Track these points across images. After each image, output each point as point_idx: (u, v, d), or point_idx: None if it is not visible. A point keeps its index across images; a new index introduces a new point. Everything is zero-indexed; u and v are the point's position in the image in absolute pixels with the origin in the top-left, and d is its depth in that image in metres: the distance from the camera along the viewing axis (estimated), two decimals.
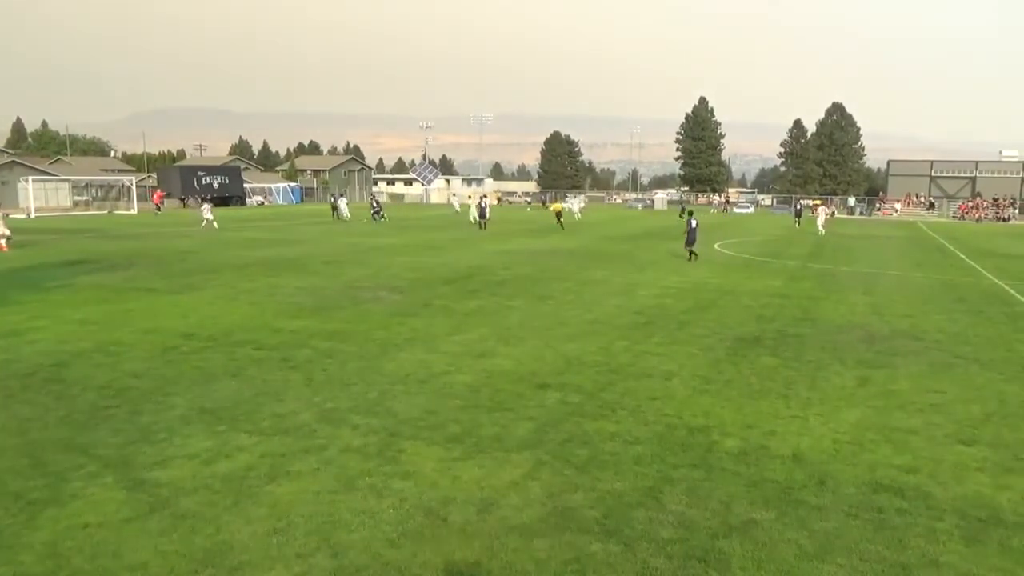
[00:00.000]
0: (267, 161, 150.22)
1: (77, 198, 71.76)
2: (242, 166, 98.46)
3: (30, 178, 60.14)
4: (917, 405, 9.10)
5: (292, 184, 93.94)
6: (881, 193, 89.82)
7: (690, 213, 27.64)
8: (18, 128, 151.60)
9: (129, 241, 31.76)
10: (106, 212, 61.33)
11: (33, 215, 52.62)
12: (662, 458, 7.22)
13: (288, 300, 16.14)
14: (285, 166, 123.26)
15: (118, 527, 5.63)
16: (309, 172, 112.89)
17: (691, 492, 6.44)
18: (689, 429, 8.09)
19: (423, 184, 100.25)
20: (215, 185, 73.56)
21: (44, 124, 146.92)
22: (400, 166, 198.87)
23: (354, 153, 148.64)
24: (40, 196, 61.67)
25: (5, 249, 26.68)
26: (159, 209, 57.03)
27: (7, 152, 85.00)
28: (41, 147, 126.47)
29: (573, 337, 12.73)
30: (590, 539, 5.59)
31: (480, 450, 7.36)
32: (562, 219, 45.12)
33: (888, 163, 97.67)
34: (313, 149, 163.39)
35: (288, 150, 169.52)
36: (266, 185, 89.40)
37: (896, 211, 78.21)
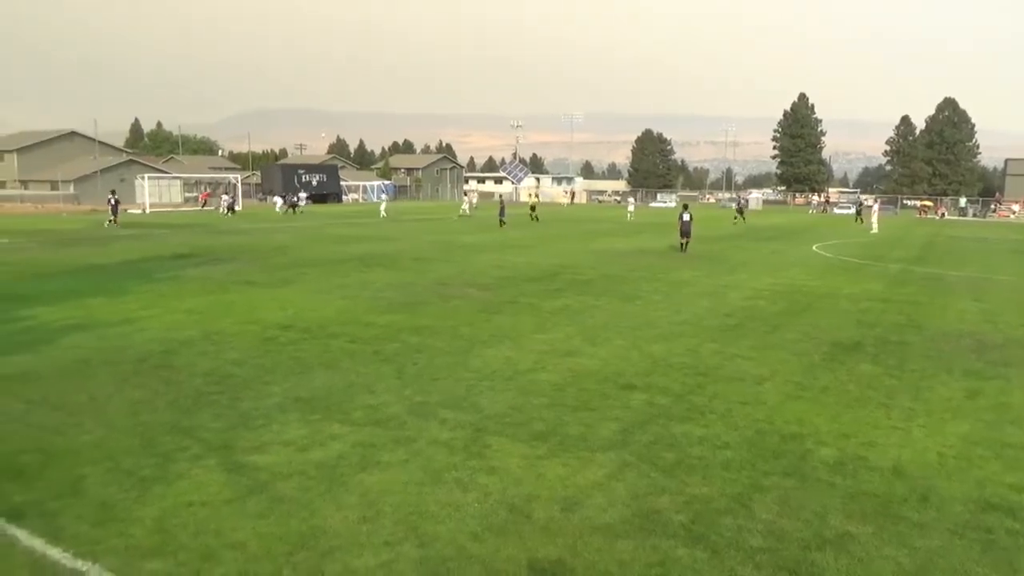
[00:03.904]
0: (363, 160, 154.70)
1: (188, 195, 75.91)
2: (339, 164, 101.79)
3: (146, 176, 64.30)
4: None
5: (386, 182, 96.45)
6: (997, 194, 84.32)
7: (685, 207, 30.16)
8: (135, 129, 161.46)
9: (232, 236, 33.35)
10: (213, 208, 64.59)
11: (148, 210, 56.01)
12: (752, 464, 7.02)
13: (379, 295, 16.56)
14: (380, 164, 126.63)
15: (219, 507, 5.92)
16: (403, 170, 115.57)
17: (783, 501, 6.23)
18: (781, 436, 7.82)
19: (513, 182, 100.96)
20: (314, 183, 76.37)
21: (159, 125, 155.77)
22: (491, 164, 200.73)
23: (446, 152, 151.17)
24: (154, 192, 65.67)
25: None
26: (204, 205, 59.32)
27: (126, 151, 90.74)
28: (156, 146, 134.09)
29: (660, 338, 12.53)
30: (675, 543, 5.50)
31: (565, 449, 7.35)
32: (535, 212, 48.55)
33: (1006, 162, 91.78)
34: (407, 148, 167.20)
35: (383, 149, 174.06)
36: (360, 183, 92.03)
37: (1014, 213, 73.22)
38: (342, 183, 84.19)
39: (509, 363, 10.65)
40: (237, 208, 56.78)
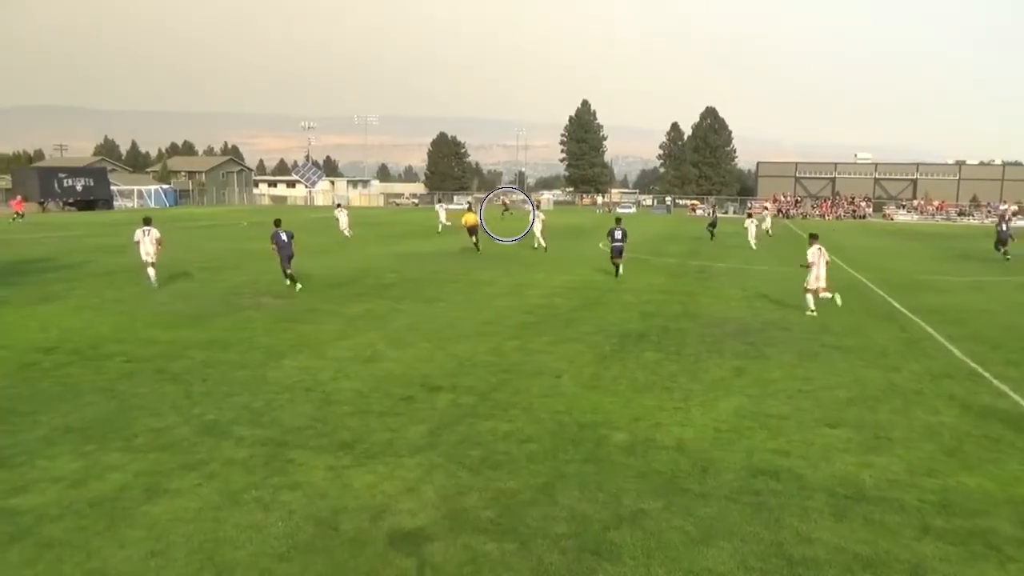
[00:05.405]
0: (136, 162, 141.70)
1: None
2: (109, 167, 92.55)
3: None
4: (788, 392, 9.67)
5: (165, 186, 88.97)
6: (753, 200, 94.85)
7: (617, 220, 22.16)
8: None
9: None
10: None
11: None
12: (554, 455, 7.33)
13: (162, 308, 15.29)
14: (157, 167, 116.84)
15: None
16: (184, 174, 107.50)
17: (583, 486, 6.57)
18: (580, 425, 8.25)
19: (307, 186, 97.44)
20: (78, 188, 68.78)
21: None
22: (282, 167, 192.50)
23: (232, 154, 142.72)
24: None
25: None
26: (19, 216, 50.12)
27: None
28: None
29: (464, 338, 12.72)
30: (485, 539, 5.60)
31: (371, 456, 7.22)
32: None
33: (757, 165, 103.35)
34: (188, 150, 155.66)
35: (160, 151, 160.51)
36: (135, 187, 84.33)
37: (766, 209, 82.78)
38: (112, 188, 76.54)
39: (310, 373, 10.28)
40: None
